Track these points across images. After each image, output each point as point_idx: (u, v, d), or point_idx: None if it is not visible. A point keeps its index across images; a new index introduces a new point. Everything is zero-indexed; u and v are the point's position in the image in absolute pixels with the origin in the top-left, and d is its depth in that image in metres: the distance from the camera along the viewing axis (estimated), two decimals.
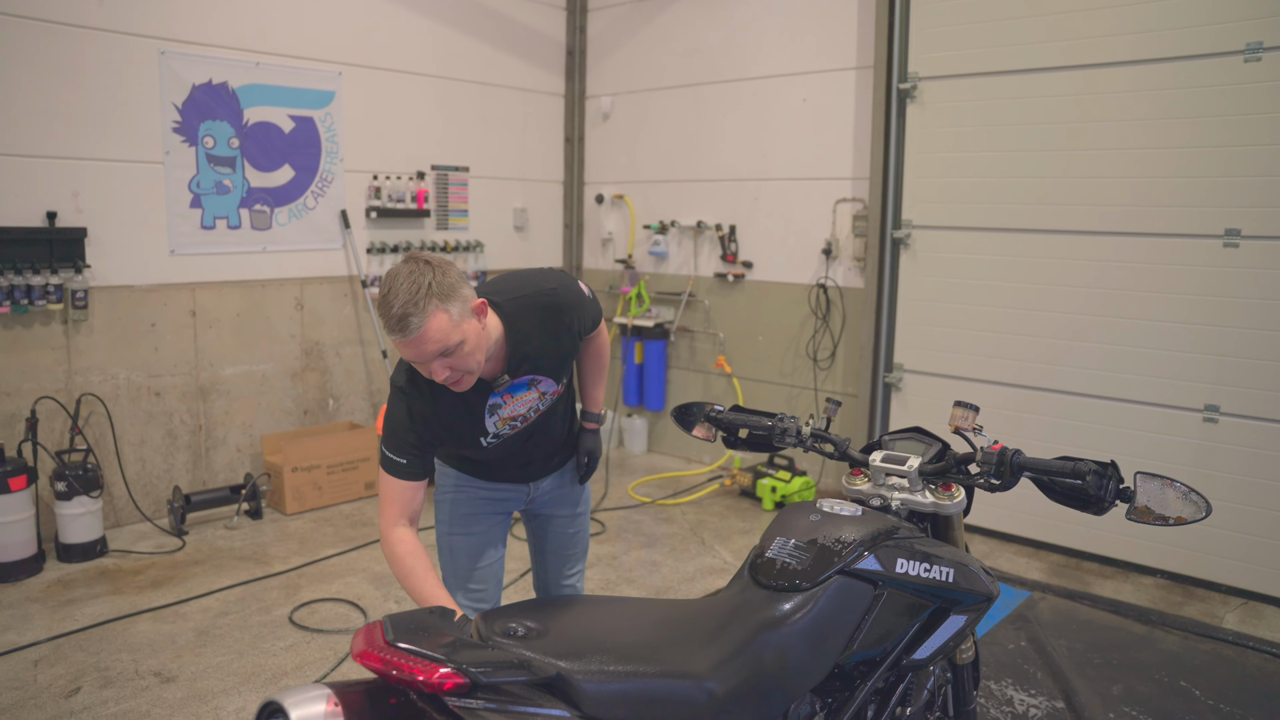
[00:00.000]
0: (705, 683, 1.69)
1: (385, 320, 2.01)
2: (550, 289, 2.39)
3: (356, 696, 1.49)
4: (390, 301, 1.99)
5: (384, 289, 2.02)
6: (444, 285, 2.03)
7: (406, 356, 2.09)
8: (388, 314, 1.99)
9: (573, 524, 2.77)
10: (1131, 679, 3.59)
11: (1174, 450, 4.48)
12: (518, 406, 2.41)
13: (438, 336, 2.02)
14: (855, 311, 5.58)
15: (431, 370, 2.08)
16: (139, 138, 4.82)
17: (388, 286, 2.01)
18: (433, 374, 2.09)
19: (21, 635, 3.77)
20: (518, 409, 2.42)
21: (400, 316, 1.98)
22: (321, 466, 5.34)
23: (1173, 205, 4.39)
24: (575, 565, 2.84)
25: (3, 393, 4.51)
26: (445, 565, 2.63)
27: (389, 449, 2.25)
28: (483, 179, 6.48)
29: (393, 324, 1.99)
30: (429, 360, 2.07)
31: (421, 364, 2.09)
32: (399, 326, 1.99)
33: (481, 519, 2.59)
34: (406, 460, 2.24)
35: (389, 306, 1.99)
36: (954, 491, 2.23)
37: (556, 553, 2.80)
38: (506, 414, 2.39)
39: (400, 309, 1.98)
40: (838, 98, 5.56)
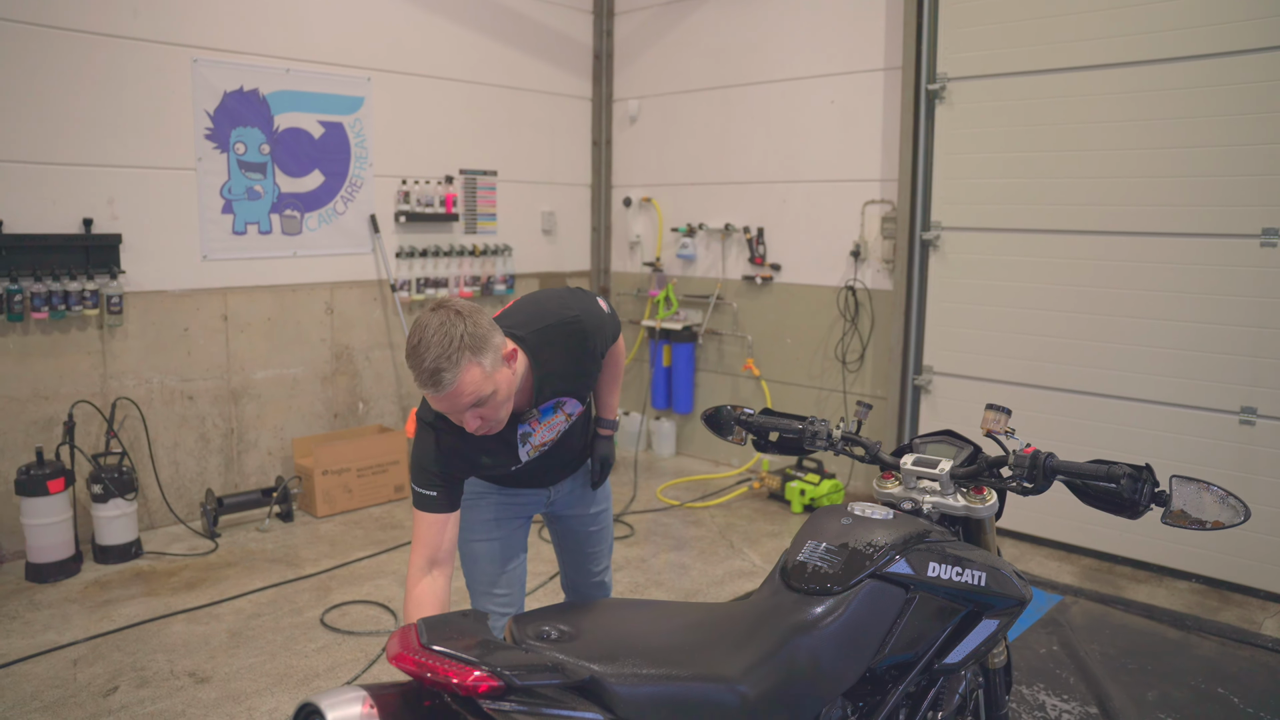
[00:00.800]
0: (738, 686, 1.69)
1: (416, 373, 1.95)
2: (573, 317, 2.33)
3: (391, 698, 1.50)
4: (421, 355, 1.92)
5: (413, 339, 1.95)
6: (476, 337, 1.97)
7: (437, 409, 2.05)
8: (419, 367, 1.93)
9: (595, 522, 2.78)
10: (1166, 685, 3.54)
11: (1210, 454, 4.41)
12: (546, 432, 2.43)
13: (471, 390, 1.97)
14: (884, 313, 5.56)
15: (463, 420, 2.05)
16: (172, 145, 4.89)
17: (417, 338, 1.94)
18: (464, 424, 2.05)
19: (61, 635, 3.83)
20: (547, 435, 2.43)
21: (433, 371, 1.92)
22: (352, 469, 5.39)
23: (1208, 205, 4.33)
24: (601, 562, 2.84)
25: (41, 396, 4.58)
26: (469, 572, 2.62)
27: (418, 484, 2.21)
28: (511, 183, 6.51)
29: (424, 379, 1.93)
30: (461, 412, 2.03)
31: (453, 415, 2.05)
32: (431, 381, 1.93)
33: (503, 524, 2.58)
34: (436, 493, 2.20)
35: (420, 360, 1.93)
36: (986, 495, 2.22)
37: (581, 551, 2.81)
38: (537, 440, 2.41)
39: (432, 363, 1.92)
40: (866, 99, 5.54)
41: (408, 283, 5.95)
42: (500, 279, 6.43)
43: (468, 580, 2.63)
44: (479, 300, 6.41)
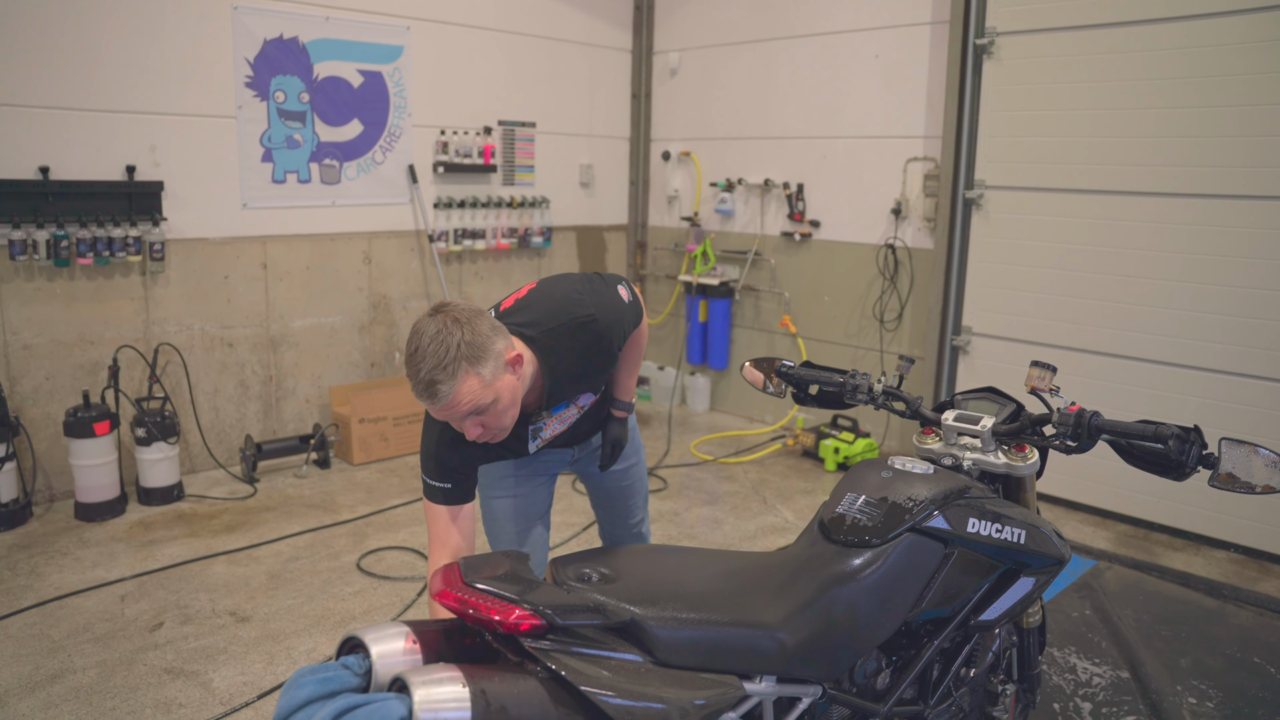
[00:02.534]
0: (776, 633, 1.70)
1: (413, 383, 1.85)
2: (588, 316, 2.17)
3: (433, 635, 1.53)
4: (417, 365, 1.82)
5: (410, 347, 1.85)
6: (474, 346, 1.85)
7: (439, 417, 1.94)
8: (415, 378, 1.83)
9: (625, 477, 2.73)
10: (1201, 652, 3.52)
11: (1258, 421, 4.33)
12: (558, 425, 2.37)
13: (469, 400, 1.86)
14: (924, 273, 5.49)
15: (464, 428, 1.94)
16: (213, 93, 4.90)
17: (413, 346, 1.84)
18: (465, 431, 1.95)
19: (109, 572, 3.93)
20: (558, 428, 2.38)
21: (428, 383, 1.82)
22: (388, 418, 5.45)
23: (1266, 166, 4.21)
24: (636, 514, 2.81)
25: (87, 341, 4.66)
26: (491, 529, 2.57)
27: (429, 475, 2.11)
28: (549, 135, 6.47)
29: (420, 390, 1.84)
30: (460, 421, 1.93)
31: (453, 423, 1.96)
32: (427, 394, 1.84)
33: (524, 481, 2.51)
34: (451, 484, 2.11)
35: (416, 370, 1.83)
36: (1028, 453, 2.20)
37: (614, 505, 2.77)
38: (548, 434, 2.35)
39: (428, 374, 1.81)
40: (911, 53, 5.43)
41: (445, 233, 5.96)
42: (538, 231, 6.42)
43: (490, 538, 2.60)
44: (515, 252, 6.41)
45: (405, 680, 1.36)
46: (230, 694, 3.08)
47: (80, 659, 3.25)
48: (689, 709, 1.50)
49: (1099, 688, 3.26)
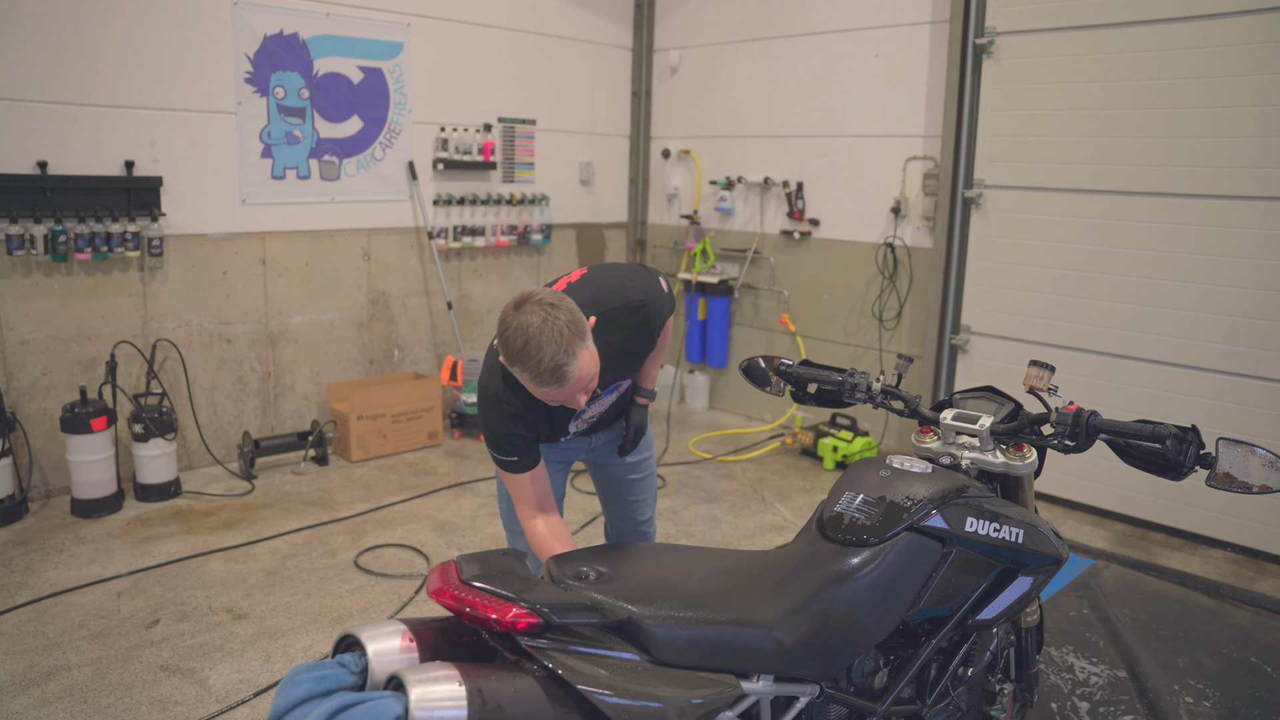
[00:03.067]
0: (773, 632, 1.69)
1: (533, 374, 1.93)
2: (639, 301, 2.33)
3: (430, 633, 1.52)
4: (537, 356, 1.90)
5: (517, 342, 1.91)
6: (576, 324, 1.96)
7: (555, 399, 2.04)
8: (537, 369, 1.91)
9: (636, 470, 2.80)
10: (1198, 652, 3.52)
11: (1255, 422, 4.33)
12: (598, 408, 2.48)
13: (587, 374, 1.99)
14: (923, 272, 5.49)
15: (576, 400, 2.06)
16: (212, 88, 4.89)
17: (521, 340, 1.90)
18: (577, 402, 2.07)
19: (105, 568, 3.93)
20: (596, 410, 2.48)
21: (554, 369, 1.91)
22: (386, 415, 5.44)
23: (1258, 166, 4.21)
24: (645, 511, 2.86)
25: (84, 336, 4.65)
26: (507, 510, 2.69)
27: (499, 453, 2.27)
28: (549, 132, 6.47)
29: (545, 378, 1.93)
30: (576, 394, 2.04)
31: (568, 401, 2.07)
32: (554, 379, 1.93)
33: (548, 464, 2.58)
34: (518, 457, 2.27)
35: (537, 362, 1.90)
36: (1026, 452, 2.20)
37: (624, 499, 2.84)
38: (588, 415, 2.45)
39: (552, 361, 1.91)
40: (911, 53, 5.42)
41: (445, 230, 5.95)
42: (537, 228, 6.42)
43: (506, 517, 2.71)
44: (515, 249, 6.41)
45: (401, 678, 1.35)
46: (226, 692, 3.08)
47: (75, 656, 3.24)
48: (686, 708, 1.49)
49: (1096, 687, 3.26)
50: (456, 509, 4.72)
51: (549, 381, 1.93)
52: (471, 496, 4.90)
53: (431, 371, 6.05)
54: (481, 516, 4.63)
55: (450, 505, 4.77)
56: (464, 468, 5.33)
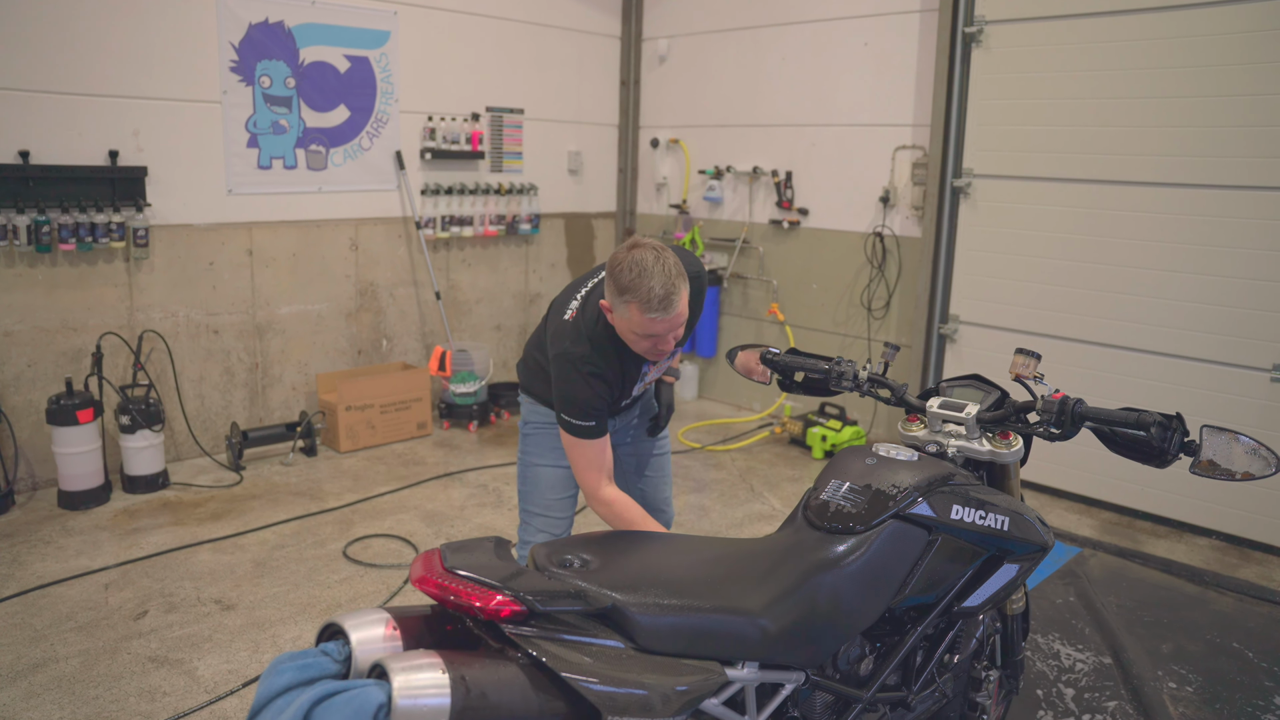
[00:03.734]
0: (758, 620, 1.70)
1: (643, 301, 2.15)
2: (698, 272, 2.55)
3: (414, 622, 1.52)
4: (650, 284, 2.15)
5: (631, 274, 2.16)
6: (679, 264, 2.22)
7: (655, 331, 2.23)
8: (649, 296, 2.15)
9: (658, 447, 2.94)
10: (1182, 638, 3.55)
11: (1240, 410, 4.36)
12: (655, 372, 2.63)
13: (683, 312, 2.24)
14: (912, 261, 5.49)
15: (666, 342, 2.28)
16: (197, 77, 4.86)
17: (636, 271, 2.15)
18: (664, 344, 2.29)
19: (93, 560, 3.91)
20: (655, 375, 2.64)
21: (664, 297, 2.16)
22: (375, 406, 5.43)
23: (1246, 156, 4.23)
24: (666, 489, 2.99)
25: (69, 328, 4.63)
26: (527, 493, 2.80)
27: (575, 417, 2.40)
28: (537, 121, 6.44)
29: (655, 305, 2.16)
30: (675, 329, 2.26)
31: (661, 335, 2.26)
32: (663, 306, 2.16)
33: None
34: (595, 421, 2.41)
35: (649, 289, 2.14)
36: (1012, 440, 2.21)
37: (654, 475, 2.96)
38: (649, 379, 2.61)
39: (663, 290, 2.15)
40: (900, 41, 5.42)
41: (432, 220, 5.93)
42: (525, 218, 6.40)
43: (523, 498, 2.83)
44: (503, 239, 6.39)
45: (384, 666, 1.35)
46: (215, 682, 3.07)
47: (63, 648, 3.23)
48: (671, 695, 1.50)
49: (1082, 673, 3.28)
50: (445, 499, 4.72)
51: (658, 308, 2.17)
52: (460, 487, 4.90)
53: (420, 362, 6.04)
54: (470, 507, 4.63)
55: (439, 495, 4.77)
56: (453, 458, 5.33)
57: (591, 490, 2.46)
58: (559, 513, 2.80)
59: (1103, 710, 3.07)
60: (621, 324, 2.28)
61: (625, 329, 2.29)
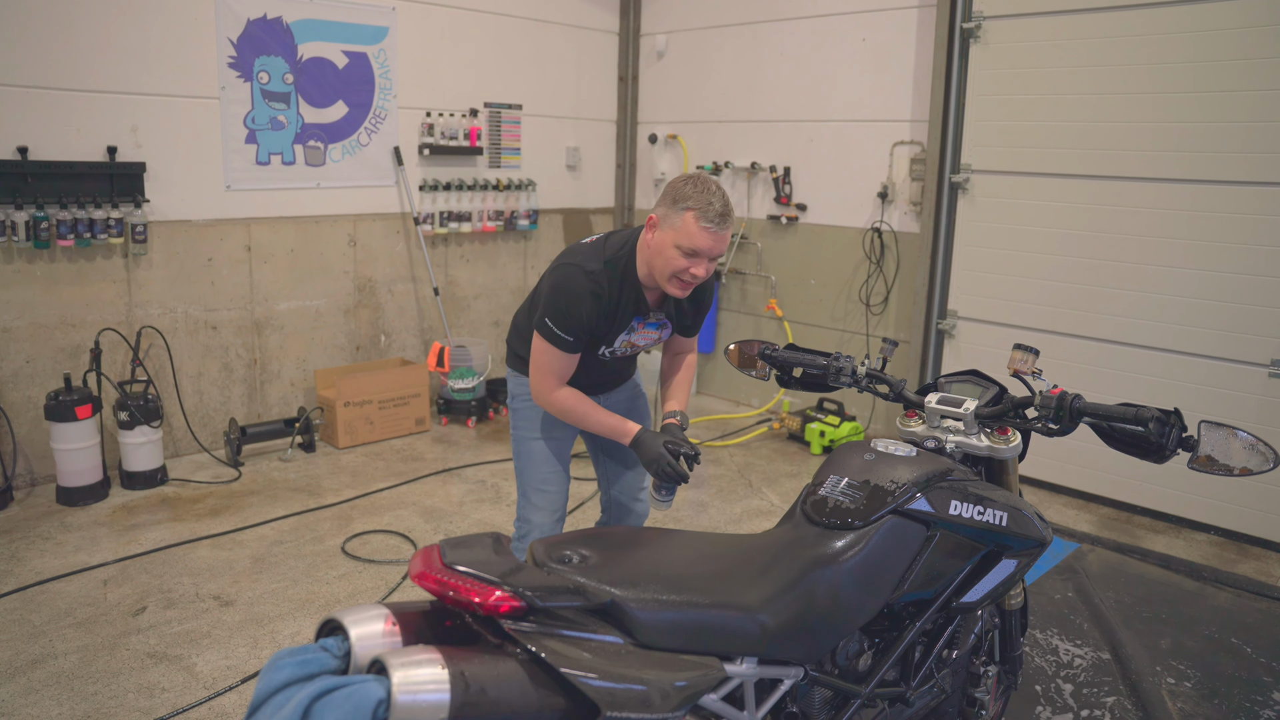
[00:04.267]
0: (757, 615, 1.70)
1: (703, 209, 2.33)
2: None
3: (413, 617, 1.52)
4: (712, 198, 2.34)
5: (694, 186, 2.35)
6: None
7: (702, 245, 2.37)
8: (711, 206, 2.33)
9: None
10: (1180, 634, 3.55)
11: (1237, 406, 4.36)
12: (640, 339, 2.71)
13: (726, 241, 2.41)
14: (910, 256, 5.49)
15: (703, 265, 2.41)
16: (195, 73, 4.85)
17: (701, 185, 2.36)
18: (698, 269, 2.41)
19: (91, 556, 3.91)
20: (639, 341, 2.71)
21: (722, 211, 2.35)
22: (374, 402, 5.43)
23: (1244, 151, 4.23)
24: (644, 479, 3.02)
25: (68, 324, 4.62)
26: (523, 468, 2.91)
27: (560, 328, 2.50)
28: (536, 117, 6.44)
29: (714, 215, 2.34)
30: (714, 253, 2.41)
31: (701, 256, 2.39)
32: (721, 219, 2.35)
33: (559, 427, 2.86)
34: (574, 338, 2.52)
35: (712, 200, 2.34)
36: (1010, 435, 2.21)
37: (624, 465, 2.99)
38: (634, 339, 2.69)
39: (722, 205, 2.36)
40: (898, 37, 5.41)
41: (431, 216, 5.93)
42: (524, 214, 6.39)
43: (520, 475, 2.93)
44: (501, 235, 6.39)
45: (384, 662, 1.35)
46: (214, 678, 3.07)
47: (61, 644, 3.23)
48: (670, 691, 1.50)
49: (1080, 669, 3.29)
50: (444, 495, 4.72)
51: (715, 220, 2.34)
52: (459, 482, 4.90)
53: (419, 358, 6.03)
54: (469, 502, 4.63)
55: (438, 491, 4.77)
56: (451, 454, 5.33)
57: (543, 392, 2.61)
58: (554, 485, 2.90)
59: (1101, 705, 3.07)
60: (667, 237, 2.39)
61: (668, 243, 2.39)
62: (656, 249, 2.43)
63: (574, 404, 2.62)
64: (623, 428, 2.63)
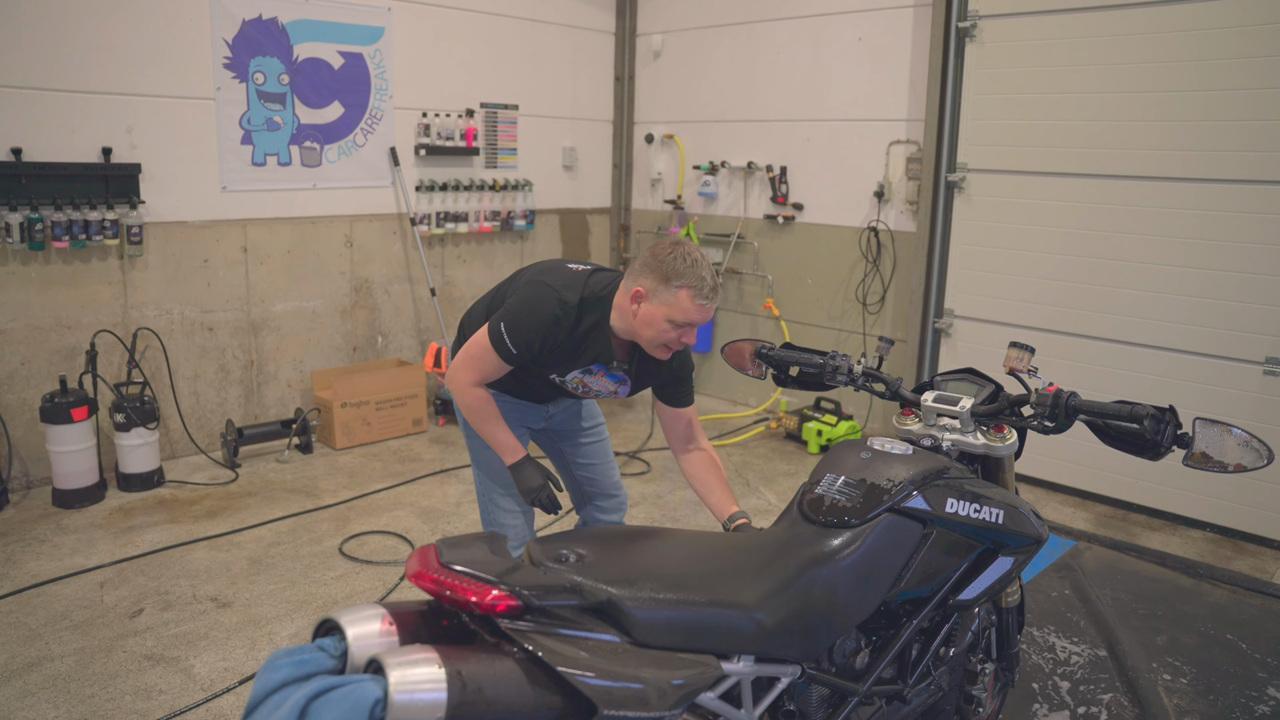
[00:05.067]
0: (754, 614, 1.70)
1: (697, 286, 2.33)
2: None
3: (410, 617, 1.52)
4: (704, 273, 2.35)
5: (684, 262, 2.33)
6: None
7: (696, 319, 2.37)
8: (702, 282, 2.33)
9: (590, 435, 2.98)
10: (1176, 630, 3.56)
11: (1232, 403, 4.37)
12: (596, 384, 2.64)
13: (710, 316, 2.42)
14: (906, 255, 5.50)
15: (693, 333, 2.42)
16: (190, 74, 4.84)
17: (689, 261, 2.33)
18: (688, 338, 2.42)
19: (88, 559, 3.91)
20: (594, 385, 2.65)
21: (714, 287, 2.36)
22: (370, 402, 5.42)
23: (1242, 150, 4.23)
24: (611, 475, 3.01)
25: (64, 326, 4.62)
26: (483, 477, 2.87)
27: (511, 339, 2.47)
28: (532, 117, 6.44)
29: (707, 290, 2.34)
30: (705, 323, 2.47)
31: (689, 326, 2.39)
32: (712, 294, 2.36)
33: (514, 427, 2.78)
34: (518, 353, 2.49)
35: (704, 275, 2.34)
36: (1006, 433, 2.21)
37: (588, 467, 2.98)
38: (589, 381, 2.63)
39: (713, 279, 2.37)
40: (894, 36, 5.42)
41: (427, 216, 5.93)
42: (520, 214, 6.39)
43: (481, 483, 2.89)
44: (498, 235, 6.39)
45: (380, 661, 1.35)
46: (211, 680, 3.07)
47: (58, 646, 3.23)
48: (667, 689, 1.50)
49: (1077, 666, 3.30)
50: (441, 495, 4.72)
51: (707, 295, 2.34)
52: (456, 483, 4.90)
53: (415, 358, 6.03)
54: (466, 503, 4.63)
55: (435, 492, 4.77)
56: (449, 454, 5.33)
57: (461, 382, 2.58)
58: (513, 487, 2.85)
59: (1098, 703, 3.08)
60: (658, 311, 2.36)
61: (659, 316, 2.36)
62: (645, 320, 2.39)
63: (480, 406, 2.61)
64: (511, 445, 2.64)
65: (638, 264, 2.41)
